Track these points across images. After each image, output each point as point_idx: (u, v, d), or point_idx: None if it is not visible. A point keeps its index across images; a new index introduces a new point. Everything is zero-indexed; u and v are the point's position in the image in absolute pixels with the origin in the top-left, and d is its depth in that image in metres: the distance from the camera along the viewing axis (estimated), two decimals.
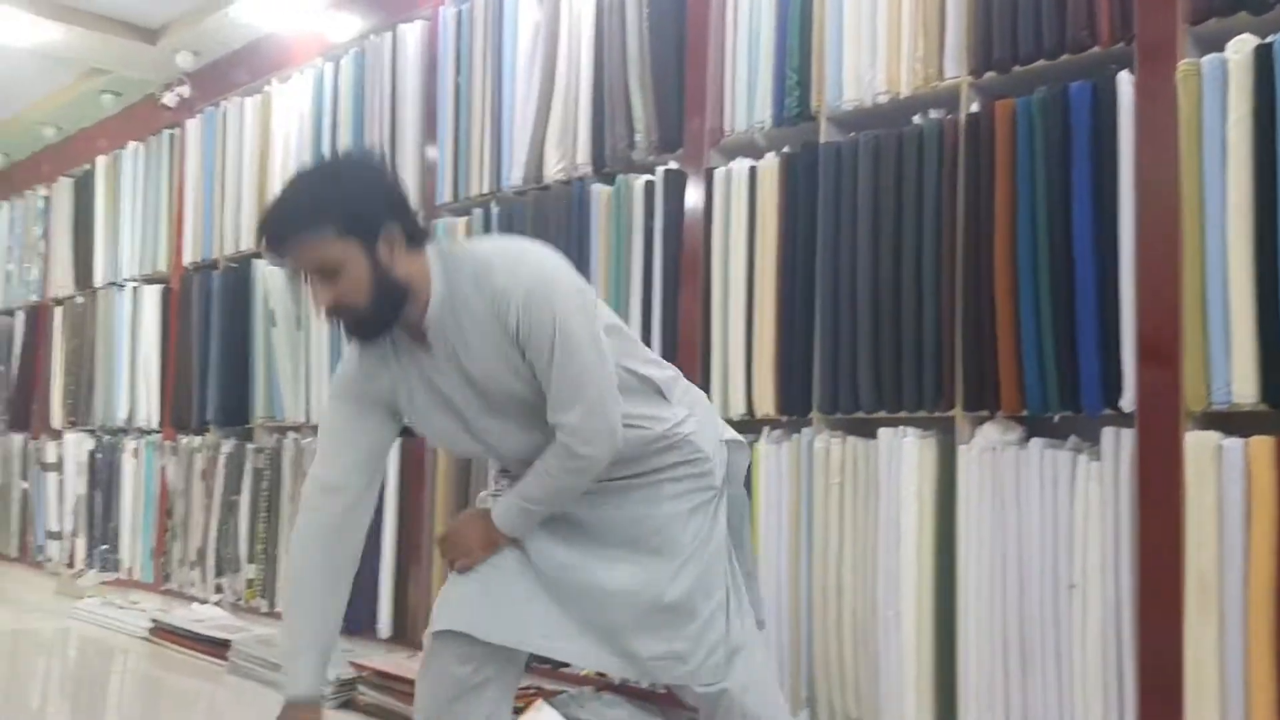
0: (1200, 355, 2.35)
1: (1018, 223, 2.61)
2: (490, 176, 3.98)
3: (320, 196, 1.74)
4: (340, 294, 1.75)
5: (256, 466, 4.84)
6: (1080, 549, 2.50)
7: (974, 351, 2.68)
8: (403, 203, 1.82)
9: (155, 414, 5.76)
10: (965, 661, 2.65)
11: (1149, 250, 2.43)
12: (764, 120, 3.18)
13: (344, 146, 4.58)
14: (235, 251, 5.22)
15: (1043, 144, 2.58)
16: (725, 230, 3.22)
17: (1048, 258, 2.56)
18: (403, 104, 4.35)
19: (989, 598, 2.63)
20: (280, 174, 4.94)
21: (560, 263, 1.87)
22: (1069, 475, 2.52)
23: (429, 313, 1.83)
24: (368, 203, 1.76)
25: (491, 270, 1.81)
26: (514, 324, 1.79)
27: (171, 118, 5.80)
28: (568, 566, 1.97)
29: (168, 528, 5.48)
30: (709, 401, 2.19)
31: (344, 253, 1.73)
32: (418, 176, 4.27)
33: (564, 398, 1.82)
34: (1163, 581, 2.36)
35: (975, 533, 2.65)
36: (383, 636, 4.13)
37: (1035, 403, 2.58)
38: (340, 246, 1.73)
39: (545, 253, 1.88)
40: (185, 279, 5.54)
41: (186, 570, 5.31)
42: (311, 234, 1.73)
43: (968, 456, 2.68)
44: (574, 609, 1.97)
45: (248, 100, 5.25)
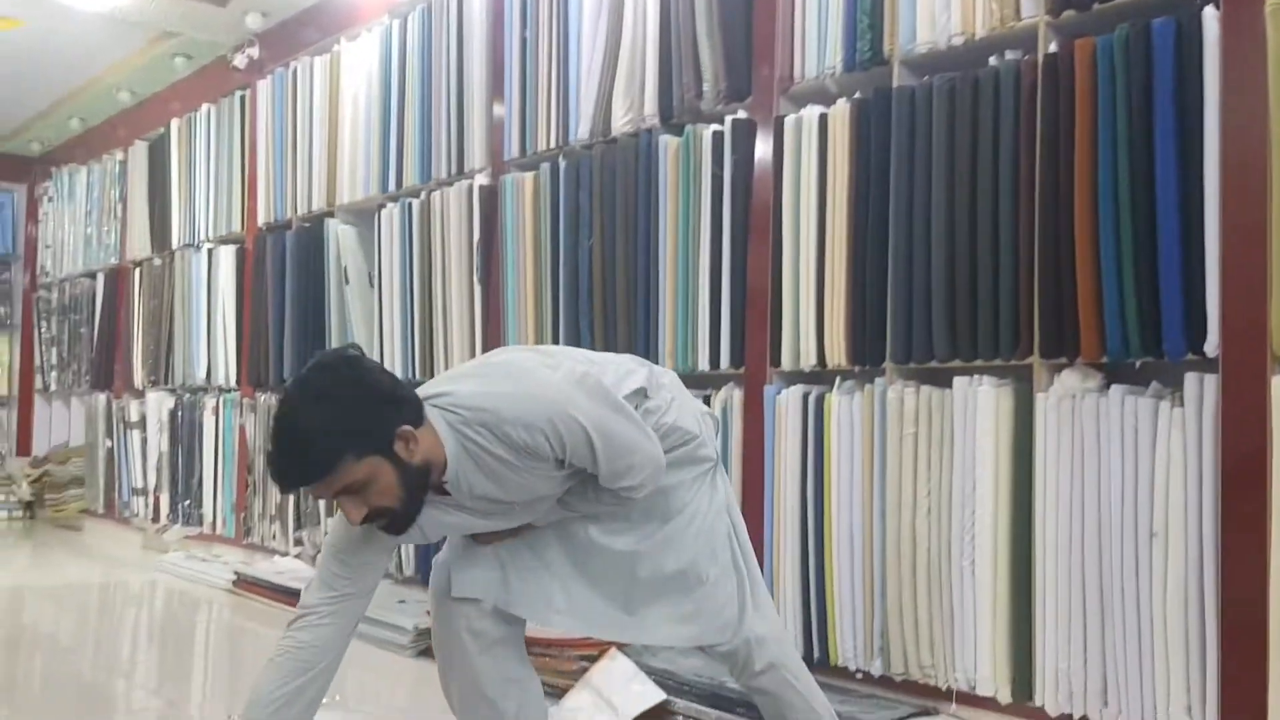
0: None
1: (1098, 165, 2.55)
2: (557, 131, 3.98)
3: (328, 433, 1.71)
4: (373, 503, 1.76)
5: None
6: (1163, 497, 2.46)
7: (1052, 297, 2.63)
8: (397, 396, 1.79)
9: (233, 372, 5.89)
10: (1042, 612, 2.63)
11: (1235, 191, 2.36)
12: (835, 66, 3.14)
13: (411, 105, 4.61)
14: (308, 211, 5.29)
15: (1124, 84, 2.51)
16: (796, 179, 3.19)
17: (1129, 200, 2.50)
18: (469, 60, 4.36)
19: (1067, 548, 2.60)
20: (350, 133, 4.99)
21: (548, 375, 1.89)
22: (1150, 423, 2.48)
23: (448, 474, 1.84)
24: (372, 416, 1.74)
25: (503, 423, 1.81)
26: (553, 455, 1.84)
27: (242, 79, 5.88)
28: (576, 541, 2.06)
29: (248, 483, 5.61)
30: (675, 375, 2.24)
31: (369, 470, 1.73)
32: (485, 133, 4.29)
33: (619, 470, 1.90)
34: (1247, 529, 2.32)
35: (1054, 482, 2.62)
36: None
37: (1115, 349, 2.53)
38: (364, 467, 1.72)
39: (539, 378, 1.89)
40: (259, 239, 5.64)
41: (267, 524, 5.45)
42: (334, 471, 1.71)
43: (1045, 405, 2.64)
44: (584, 582, 2.07)
45: (316, 60, 5.30)
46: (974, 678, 2.75)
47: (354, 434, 1.72)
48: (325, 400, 1.73)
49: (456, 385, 1.89)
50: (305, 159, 5.33)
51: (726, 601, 2.08)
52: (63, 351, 7.94)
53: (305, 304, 5.20)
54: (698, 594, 2.05)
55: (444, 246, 4.39)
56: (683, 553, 2.05)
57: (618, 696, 2.87)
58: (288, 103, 5.49)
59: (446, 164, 4.45)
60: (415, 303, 4.52)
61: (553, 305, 3.94)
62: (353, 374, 1.78)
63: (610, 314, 3.70)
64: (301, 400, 1.76)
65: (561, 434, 1.83)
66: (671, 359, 3.50)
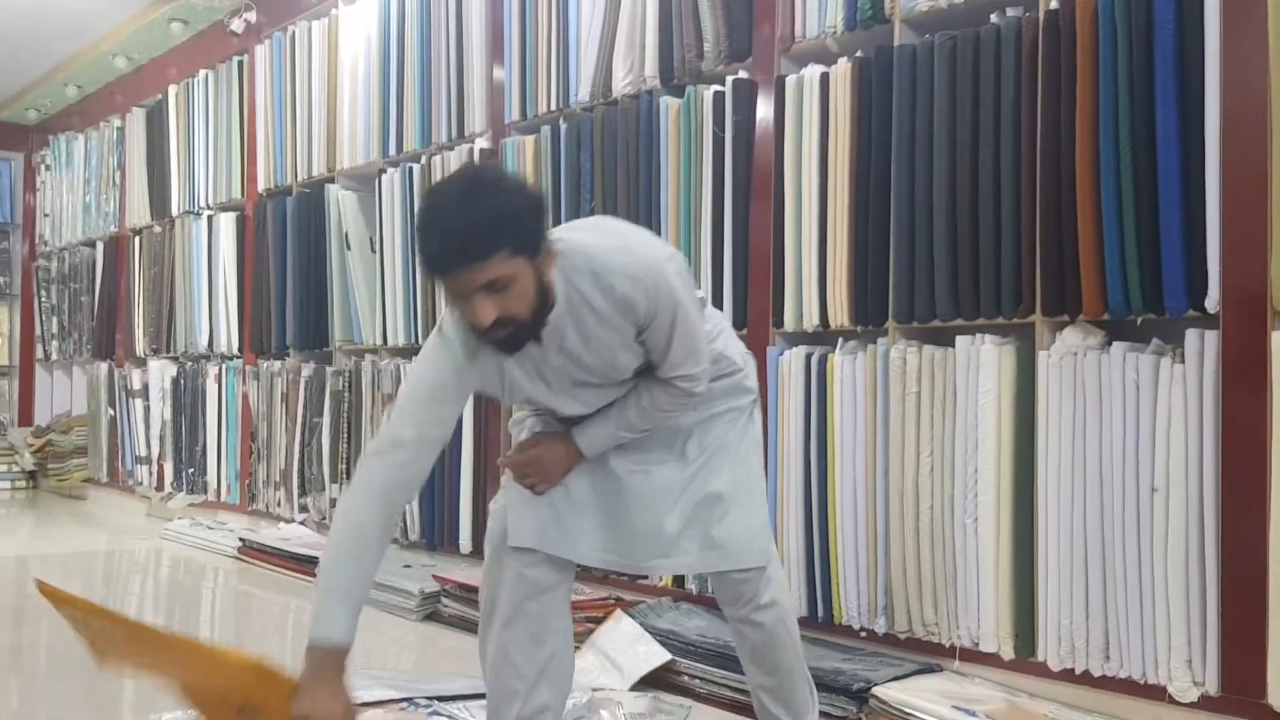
0: None
1: (1099, 123, 2.54)
2: (558, 93, 3.97)
3: (496, 217, 1.72)
4: (506, 307, 1.76)
5: (336, 389, 4.96)
6: (1163, 452, 2.47)
7: (1053, 256, 2.63)
8: (545, 209, 1.83)
9: (235, 340, 5.90)
10: (1044, 568, 2.65)
11: (1235, 148, 2.36)
12: (836, 25, 3.13)
13: (411, 68, 4.59)
14: (308, 177, 5.28)
15: (1125, 40, 2.50)
16: (798, 139, 3.18)
17: (1130, 158, 2.50)
18: (469, 23, 4.34)
19: (1069, 504, 2.62)
20: (349, 98, 4.98)
21: (659, 244, 1.97)
22: (1152, 379, 2.49)
23: (553, 315, 1.87)
24: (530, 218, 1.77)
25: (610, 272, 1.86)
26: (641, 318, 1.88)
27: (240, 44, 5.85)
28: (618, 474, 2.10)
29: (252, 450, 5.64)
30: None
31: (515, 269, 1.74)
32: (485, 96, 4.28)
33: (680, 357, 1.95)
34: (1247, 484, 2.33)
35: (1055, 439, 2.64)
36: (464, 551, 4.24)
37: (1117, 306, 2.54)
38: (513, 264, 1.74)
39: (644, 238, 1.97)
40: (259, 205, 5.63)
41: (271, 491, 5.48)
42: (490, 258, 1.71)
43: (1048, 363, 2.65)
44: (623, 516, 2.10)
45: (315, 24, 5.27)
46: (977, 634, 2.77)
47: (514, 229, 1.74)
48: (494, 191, 1.76)
49: (566, 234, 1.92)
50: (305, 124, 5.31)
51: (761, 528, 2.13)
52: (63, 320, 7.95)
53: (306, 270, 5.20)
54: (734, 519, 2.08)
55: None
56: (723, 477, 2.10)
57: (623, 657, 2.90)
58: (286, 67, 5.46)
59: (447, 128, 4.44)
60: (417, 268, 4.52)
61: None
62: (515, 179, 1.85)
63: None
64: (469, 187, 1.76)
65: (657, 295, 1.86)
66: None
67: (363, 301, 4.89)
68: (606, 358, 1.94)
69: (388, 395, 4.61)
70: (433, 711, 2.62)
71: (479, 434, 4.24)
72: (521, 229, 1.75)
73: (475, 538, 4.21)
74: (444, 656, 3.27)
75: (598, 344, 1.91)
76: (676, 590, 3.43)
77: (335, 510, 1.95)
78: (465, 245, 1.71)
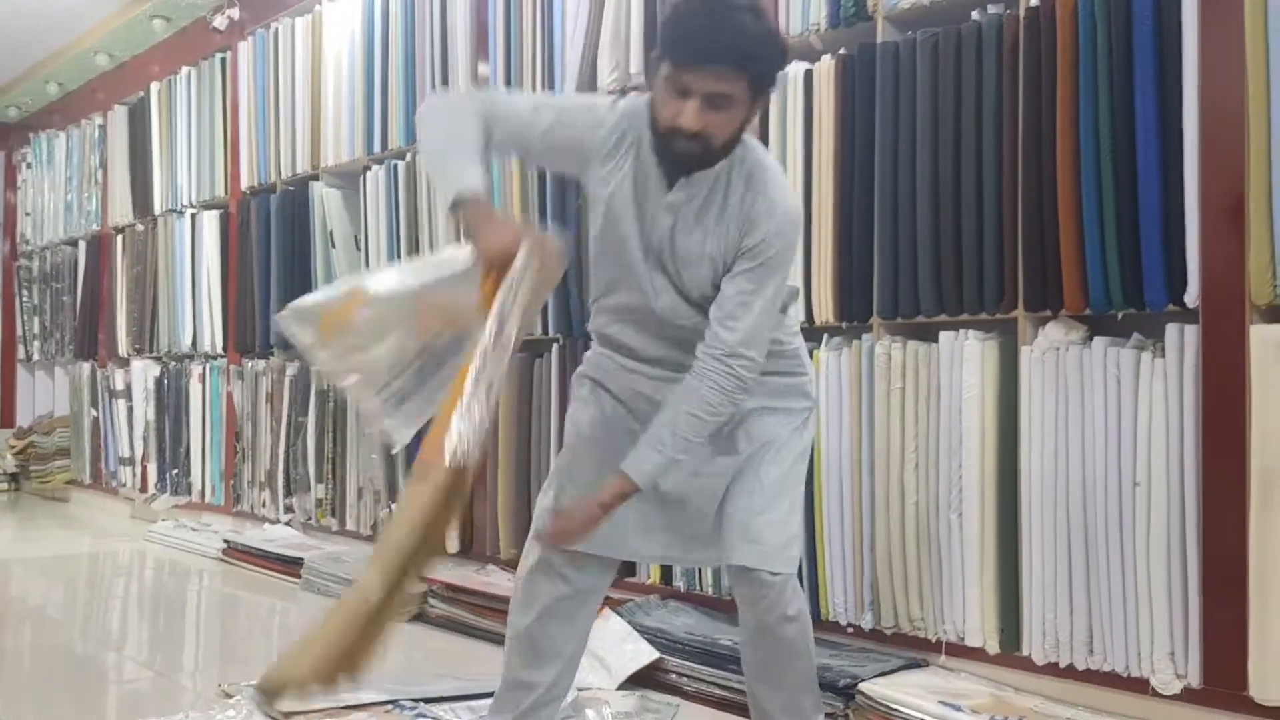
0: (1266, 249, 2.31)
1: (1079, 119, 2.56)
2: (543, 89, 3.96)
3: (764, 45, 1.85)
4: (714, 123, 1.84)
5: (321, 388, 4.94)
6: (1145, 447, 2.49)
7: (1035, 251, 2.65)
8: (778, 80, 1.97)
9: (219, 339, 5.87)
10: (1029, 562, 2.67)
11: (1214, 145, 2.38)
12: (819, 22, 3.13)
13: (395, 65, 4.58)
14: (292, 174, 5.26)
15: (1105, 38, 2.52)
16: (782, 135, 3.19)
17: (1110, 154, 2.52)
18: (453, 19, 4.33)
19: (1053, 498, 2.64)
20: (333, 94, 4.96)
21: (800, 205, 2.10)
22: (1133, 373, 2.51)
23: (710, 171, 1.93)
24: (775, 71, 1.92)
25: (766, 186, 1.95)
26: (752, 243, 1.93)
27: (222, 41, 5.82)
28: (672, 480, 2.10)
29: (236, 450, 5.61)
30: None
31: (740, 96, 1.84)
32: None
33: (733, 307, 1.94)
34: (1227, 478, 2.35)
35: (1039, 433, 2.65)
36: (451, 551, 4.23)
37: (1098, 301, 2.56)
38: (742, 90, 1.83)
39: (792, 192, 2.06)
40: (243, 204, 5.61)
41: (257, 491, 5.45)
42: (740, 72, 1.81)
43: (1030, 357, 2.67)
44: (675, 511, 2.13)
45: (298, 20, 5.25)
46: (963, 629, 2.79)
47: (769, 65, 1.87)
48: (773, 33, 1.92)
49: (754, 143, 2.02)
50: (288, 121, 5.29)
51: (795, 537, 2.12)
52: (45, 321, 7.89)
53: (291, 268, 5.18)
54: (772, 517, 2.07)
55: (431, 208, 4.38)
56: (769, 472, 2.09)
57: (611, 656, 2.90)
58: (269, 64, 5.44)
59: None
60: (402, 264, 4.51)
61: None
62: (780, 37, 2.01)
63: None
64: (758, 10, 1.88)
65: (778, 235, 1.94)
66: None
67: None
68: (697, 252, 1.97)
69: None
70: (418, 714, 2.61)
71: None
72: (768, 71, 1.88)
73: (462, 537, 4.20)
74: (430, 658, 3.26)
75: (702, 234, 1.96)
76: (664, 588, 3.43)
77: (427, 115, 2.02)
78: (731, 47, 1.80)
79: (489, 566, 4.00)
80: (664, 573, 3.46)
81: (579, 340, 3.75)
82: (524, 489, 3.95)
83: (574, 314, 3.76)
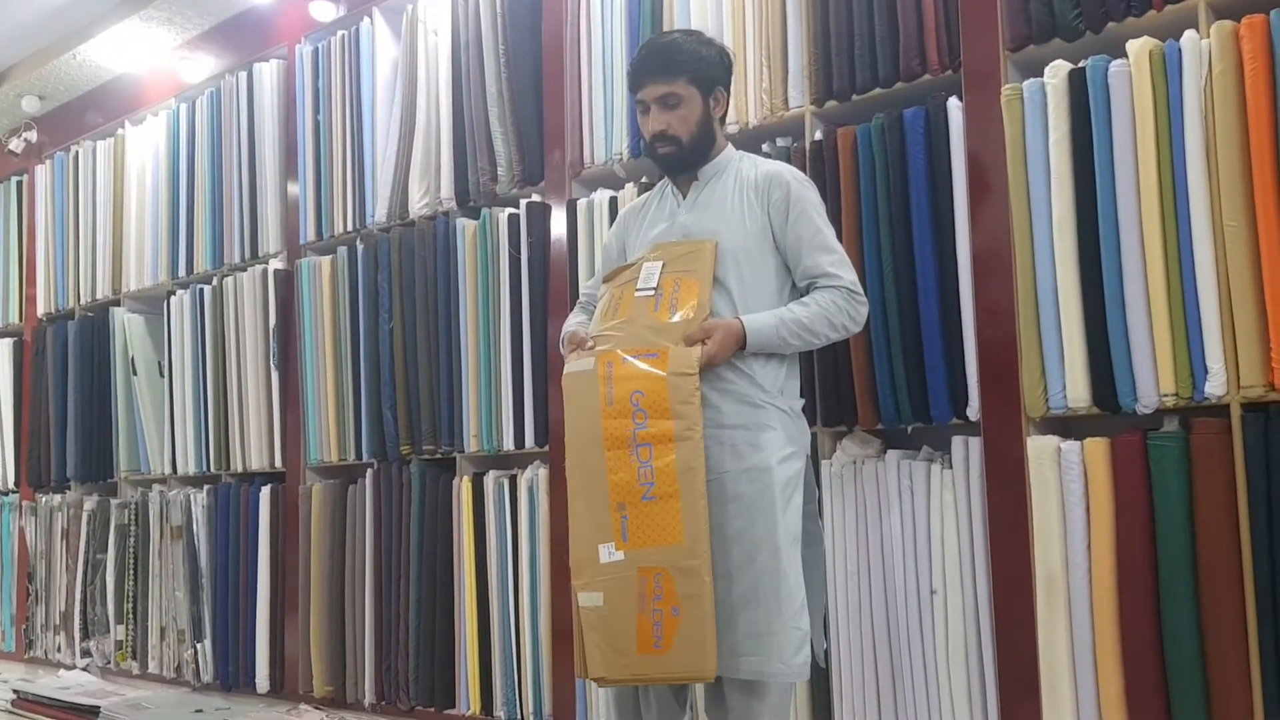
0: (1037, 364, 2.48)
1: (863, 245, 2.71)
2: (354, 214, 3.95)
3: (690, 52, 2.33)
4: (671, 125, 2.33)
5: (121, 523, 4.69)
6: (939, 555, 2.59)
7: (830, 372, 2.76)
8: (729, 83, 2.43)
9: (11, 473, 5.52)
10: (836, 670, 2.72)
11: (984, 267, 2.55)
12: (621, 152, 3.25)
13: (201, 187, 4.50)
14: (91, 300, 5.05)
15: (882, 168, 2.70)
16: (591, 258, 3.26)
17: (893, 278, 2.67)
18: (261, 143, 4.30)
19: (857, 609, 2.70)
20: (136, 218, 4.83)
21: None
22: (925, 484, 2.62)
23: (711, 163, 2.39)
24: (716, 64, 2.37)
25: (767, 163, 2.40)
26: (777, 197, 2.31)
27: (19, 164, 5.61)
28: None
29: (29, 592, 5.24)
30: None
31: (688, 95, 2.33)
32: (280, 216, 4.22)
33: (818, 245, 2.30)
34: (1015, 582, 2.47)
35: (841, 545, 2.73)
36: (261, 691, 4.03)
37: (889, 416, 2.68)
38: (689, 90, 2.33)
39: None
40: (39, 330, 5.34)
41: (51, 635, 5.08)
42: (677, 77, 2.32)
43: (830, 471, 2.76)
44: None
45: (100, 144, 5.11)
46: None
47: (700, 64, 2.34)
48: (696, 36, 2.41)
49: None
50: (88, 245, 5.10)
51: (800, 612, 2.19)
52: None
53: (90, 397, 4.95)
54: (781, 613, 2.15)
55: (239, 333, 4.27)
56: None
57: None
58: (69, 187, 5.26)
59: (240, 248, 4.35)
60: (209, 392, 4.37)
61: (354, 390, 3.87)
62: (719, 45, 2.44)
63: (413, 397, 3.66)
64: (685, 31, 2.50)
65: (799, 178, 2.35)
66: (476, 440, 3.49)
67: (150, 429, 4.67)
68: (721, 222, 2.31)
69: (176, 528, 4.39)
70: None
71: (274, 561, 4.07)
72: (701, 67, 2.33)
73: (273, 675, 4.01)
74: None
75: (719, 208, 2.34)
76: (484, 718, 3.35)
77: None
78: (661, 60, 2.32)
79: (301, 706, 3.81)
80: (484, 703, 3.38)
81: (393, 465, 3.69)
82: (338, 622, 3.80)
83: (388, 438, 3.70)
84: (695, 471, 2.10)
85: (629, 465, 2.12)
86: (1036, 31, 2.53)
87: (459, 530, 3.48)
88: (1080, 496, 2.39)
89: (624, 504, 2.11)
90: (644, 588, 2.09)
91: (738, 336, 2.20)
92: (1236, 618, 2.21)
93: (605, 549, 2.12)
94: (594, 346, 2.25)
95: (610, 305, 2.33)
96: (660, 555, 2.09)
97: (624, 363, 2.17)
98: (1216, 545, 2.24)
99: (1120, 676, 2.34)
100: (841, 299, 2.27)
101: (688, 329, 2.18)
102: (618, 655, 2.12)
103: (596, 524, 2.15)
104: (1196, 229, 2.28)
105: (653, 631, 2.08)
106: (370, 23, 3.95)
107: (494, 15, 3.55)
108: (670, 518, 2.09)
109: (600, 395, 2.16)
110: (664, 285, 2.26)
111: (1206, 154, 2.28)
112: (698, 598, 2.06)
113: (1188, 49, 2.31)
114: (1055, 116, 2.45)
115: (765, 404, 2.24)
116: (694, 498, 2.10)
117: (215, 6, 4.44)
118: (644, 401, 2.13)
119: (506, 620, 3.34)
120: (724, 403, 2.21)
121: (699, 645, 2.06)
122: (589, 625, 2.15)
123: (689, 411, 2.12)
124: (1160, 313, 2.32)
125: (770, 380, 2.26)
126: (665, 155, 2.35)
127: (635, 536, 2.10)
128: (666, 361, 2.14)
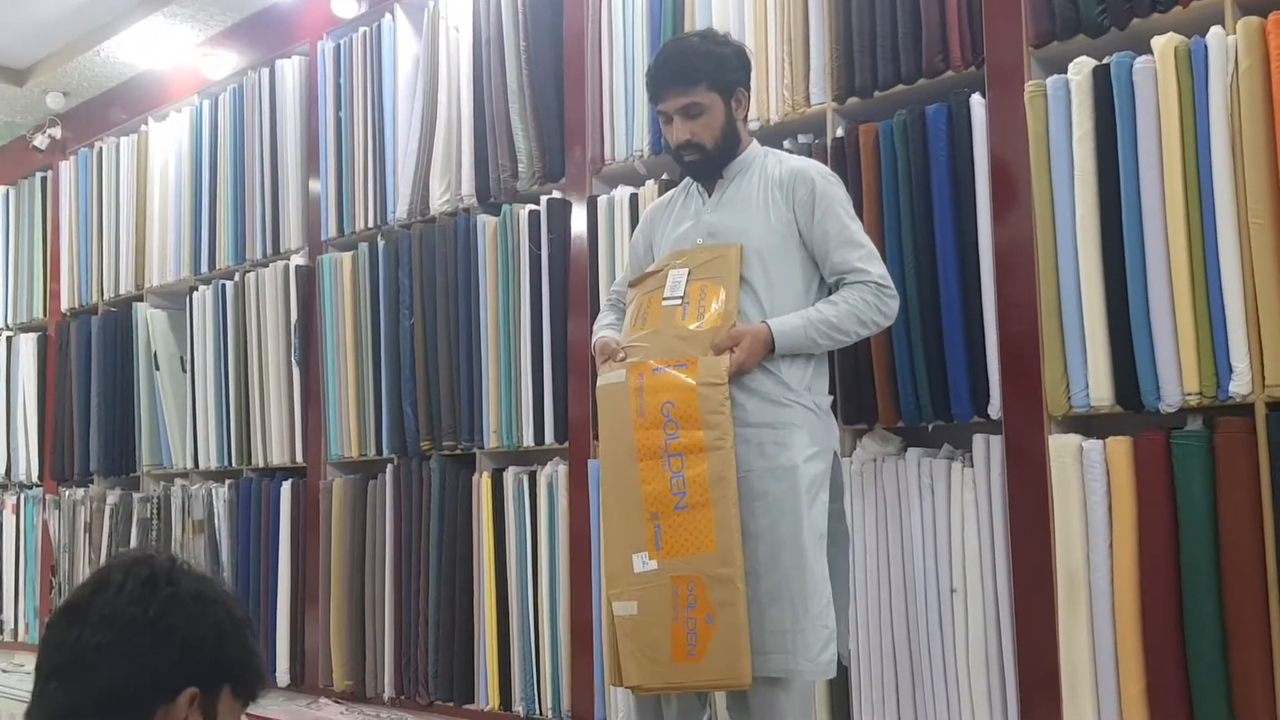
0: (1059, 362, 2.46)
1: (884, 242, 2.70)
2: (375, 210, 3.97)
3: (711, 58, 2.30)
4: (696, 133, 2.31)
5: (143, 516, 4.72)
6: (960, 553, 2.58)
7: (850, 369, 2.76)
8: (749, 82, 2.40)
9: (35, 467, 5.56)
10: (856, 669, 2.71)
11: (1007, 264, 2.54)
12: (642, 148, 3.24)
13: (224, 183, 4.53)
14: (115, 295, 5.09)
15: (904, 165, 2.68)
16: (611, 255, 3.26)
17: (914, 276, 2.66)
18: (283, 140, 4.32)
19: (878, 606, 2.70)
20: (159, 214, 4.86)
21: None
22: (945, 482, 2.61)
23: (736, 161, 2.37)
24: (734, 66, 2.34)
25: (792, 159, 2.40)
26: (803, 194, 2.29)
27: (43, 160, 5.65)
28: None
29: (52, 585, 5.28)
30: None
31: (711, 101, 2.31)
32: (301, 212, 4.24)
33: (845, 241, 2.29)
34: (1035, 581, 2.46)
35: (861, 543, 2.72)
36: (281, 684, 4.05)
37: (910, 414, 2.67)
38: (711, 96, 2.30)
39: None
40: (63, 325, 5.39)
41: None
42: (698, 85, 2.29)
43: (850, 469, 2.75)
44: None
45: (123, 140, 5.15)
46: None
47: (719, 68, 2.31)
48: (711, 37, 2.40)
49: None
50: (112, 241, 5.14)
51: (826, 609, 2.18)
52: None
53: (113, 392, 4.98)
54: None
55: (260, 328, 4.29)
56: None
57: None
58: (93, 183, 5.30)
59: (262, 244, 4.37)
60: (230, 387, 4.39)
61: (374, 386, 3.89)
62: (739, 46, 2.41)
63: (433, 393, 3.67)
64: (703, 34, 2.43)
65: (824, 173, 2.35)
66: (496, 436, 3.50)
67: (173, 423, 4.70)
68: (746, 219, 2.30)
69: (199, 522, 4.42)
70: None
71: (296, 555, 4.09)
72: (721, 72, 2.31)
73: (293, 669, 4.03)
74: None
75: (743, 205, 2.33)
76: (503, 714, 3.36)
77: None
78: (678, 70, 2.29)
79: (321, 700, 3.83)
80: (503, 699, 3.39)
81: (414, 460, 3.70)
82: (357, 616, 3.82)
83: (408, 434, 3.71)
84: (727, 481, 2.11)
85: (661, 475, 2.13)
86: (1060, 27, 2.51)
87: (478, 526, 3.49)
88: (1102, 496, 2.38)
89: (657, 514, 2.13)
90: (677, 596, 2.10)
91: (766, 342, 2.19)
92: (1260, 618, 2.19)
93: (639, 558, 2.14)
94: (624, 358, 2.26)
95: (638, 314, 2.34)
96: (693, 564, 2.10)
97: (654, 374, 2.18)
98: (1240, 545, 2.22)
99: (1142, 677, 2.33)
100: (870, 294, 2.26)
101: (715, 337, 2.18)
102: (652, 664, 2.13)
103: (630, 534, 2.16)
104: (1221, 226, 2.27)
105: (687, 640, 2.09)
106: (392, 19, 3.96)
107: (515, 11, 3.55)
108: (703, 526, 2.10)
109: (632, 407, 2.18)
110: (690, 293, 2.26)
111: (1232, 151, 2.26)
112: (731, 606, 2.07)
113: (1213, 45, 2.29)
114: (1079, 113, 2.44)
115: (791, 402, 2.24)
116: (726, 506, 2.11)
117: (238, 3, 4.47)
118: (675, 412, 2.14)
119: (526, 615, 3.35)
120: (750, 401, 2.21)
121: (733, 653, 2.08)
122: (623, 634, 2.16)
123: (719, 421, 2.12)
124: (1184, 310, 2.31)
125: (796, 379, 2.26)
126: (692, 163, 2.36)
127: (668, 545, 2.11)
128: (696, 371, 2.15)
